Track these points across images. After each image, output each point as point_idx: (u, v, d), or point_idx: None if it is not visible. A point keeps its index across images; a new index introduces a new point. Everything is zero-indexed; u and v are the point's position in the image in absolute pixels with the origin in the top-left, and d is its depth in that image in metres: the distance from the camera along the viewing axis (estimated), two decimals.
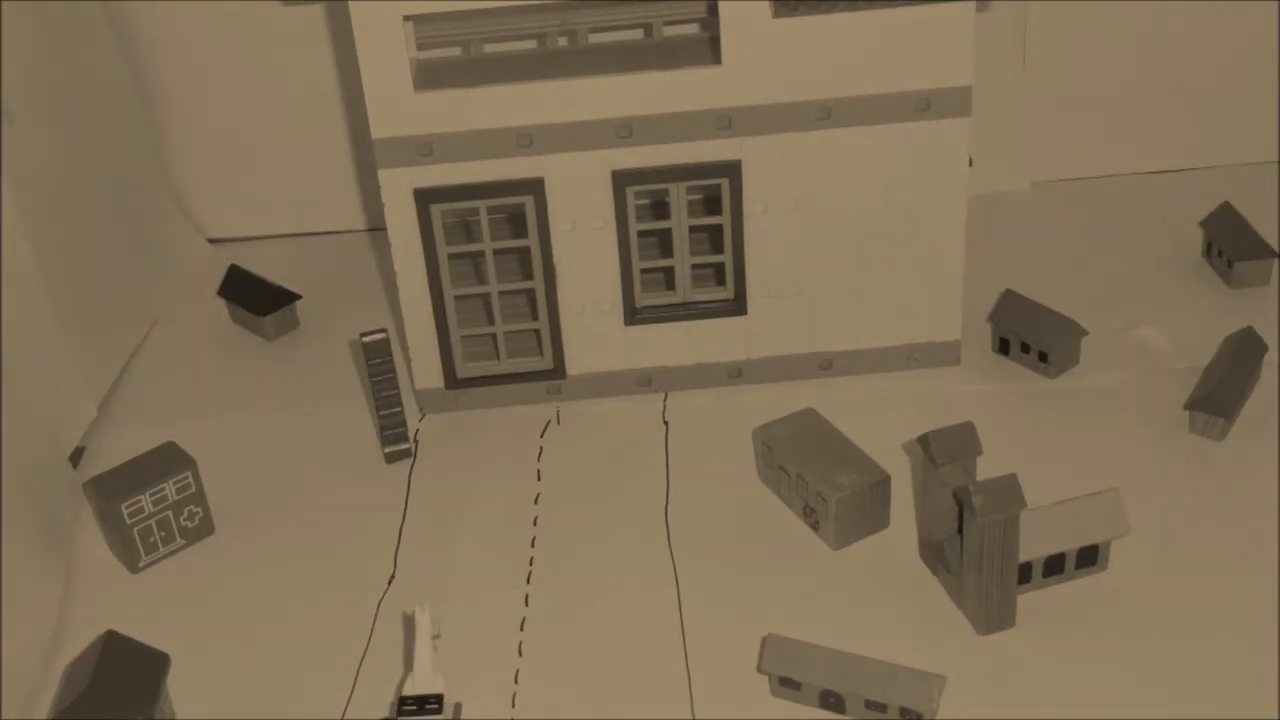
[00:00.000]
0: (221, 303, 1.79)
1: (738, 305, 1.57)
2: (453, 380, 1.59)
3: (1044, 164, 1.89)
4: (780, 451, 1.45)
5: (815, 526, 1.42)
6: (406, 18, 1.44)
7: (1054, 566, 1.33)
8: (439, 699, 1.19)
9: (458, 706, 1.23)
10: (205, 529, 1.48)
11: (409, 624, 1.33)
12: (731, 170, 1.50)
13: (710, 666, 1.30)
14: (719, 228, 1.54)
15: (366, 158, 1.83)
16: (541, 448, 1.56)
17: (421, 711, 1.18)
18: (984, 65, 1.52)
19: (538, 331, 1.58)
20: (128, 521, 1.42)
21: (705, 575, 1.39)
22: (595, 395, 1.61)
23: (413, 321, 1.57)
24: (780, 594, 1.36)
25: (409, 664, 1.27)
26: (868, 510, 1.41)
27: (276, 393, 1.66)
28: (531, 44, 1.62)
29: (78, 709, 1.22)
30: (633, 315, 1.57)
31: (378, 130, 1.47)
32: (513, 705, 1.29)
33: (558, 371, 1.59)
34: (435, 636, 1.24)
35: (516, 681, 1.31)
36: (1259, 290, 1.68)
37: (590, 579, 1.40)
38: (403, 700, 1.21)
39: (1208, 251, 1.73)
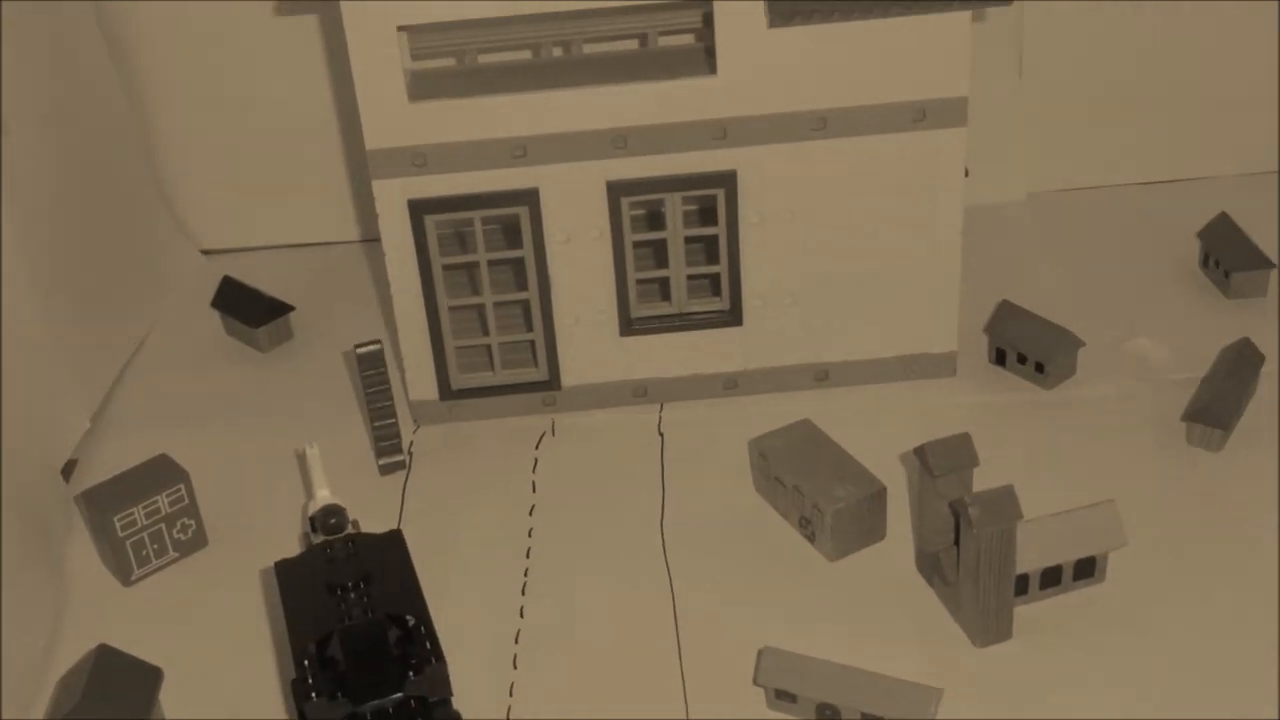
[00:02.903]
0: (215, 314, 1.78)
1: (733, 316, 1.57)
2: (447, 391, 1.59)
3: (1040, 174, 1.89)
4: (776, 463, 1.44)
5: (811, 538, 1.42)
6: (401, 28, 1.44)
7: (1051, 578, 1.33)
8: (339, 510, 1.35)
9: (356, 523, 1.37)
10: (198, 542, 1.47)
11: (303, 459, 1.47)
12: (727, 181, 1.49)
13: (706, 679, 1.30)
14: (714, 238, 1.53)
15: (361, 169, 1.82)
16: (536, 459, 1.55)
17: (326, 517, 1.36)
18: (980, 75, 1.52)
19: (532, 343, 1.58)
20: (120, 534, 1.42)
21: (701, 587, 1.39)
22: (590, 406, 1.60)
23: (407, 333, 1.56)
24: (776, 606, 1.36)
25: (309, 491, 1.43)
26: (864, 522, 1.40)
27: (270, 405, 1.65)
28: (526, 54, 1.62)
29: None
30: (628, 326, 1.57)
31: (372, 141, 1.47)
32: (507, 718, 1.28)
33: (553, 383, 1.59)
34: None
35: (511, 694, 1.30)
36: (1256, 301, 1.68)
37: (586, 591, 1.39)
38: (311, 520, 1.36)
39: (1205, 262, 1.73)
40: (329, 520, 1.34)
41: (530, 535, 1.46)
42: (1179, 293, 1.71)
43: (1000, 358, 1.61)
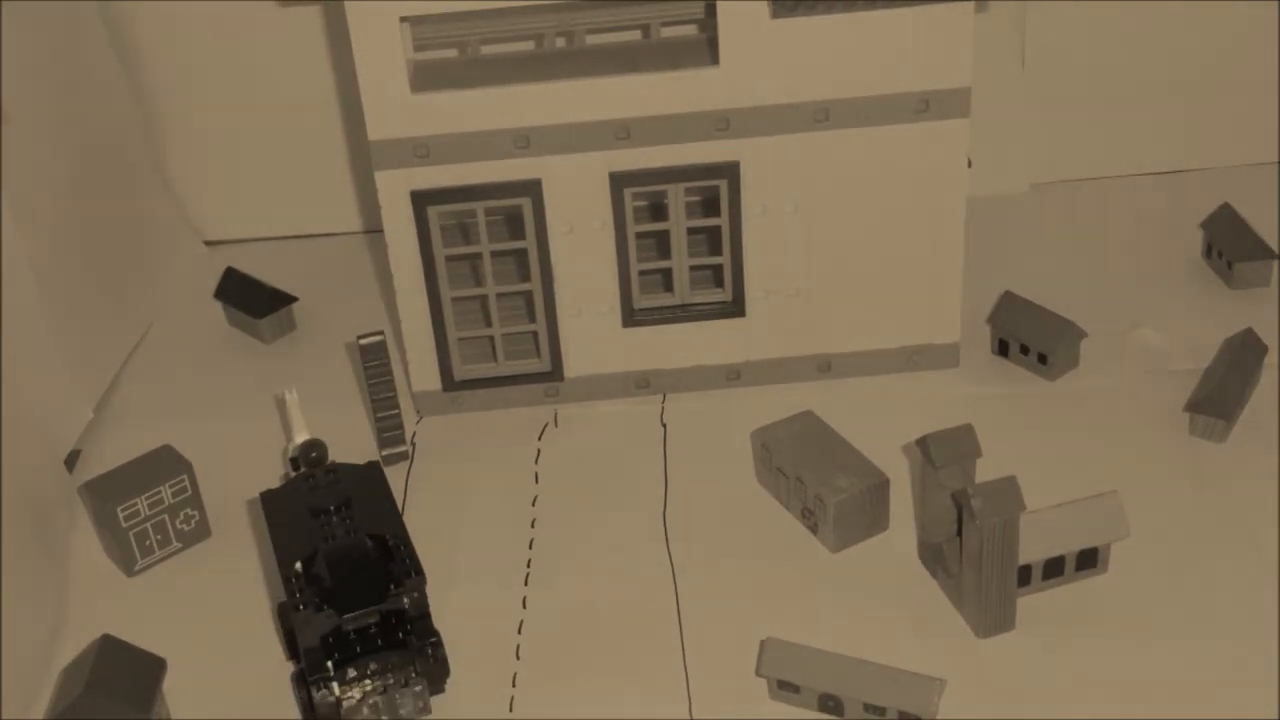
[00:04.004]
0: (218, 305, 1.78)
1: (736, 307, 1.57)
2: (450, 382, 1.59)
3: (1043, 165, 1.89)
4: (779, 454, 1.44)
5: (814, 529, 1.42)
6: (403, 19, 1.44)
7: (1053, 569, 1.33)
8: (319, 443, 1.39)
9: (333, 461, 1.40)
10: (201, 532, 1.47)
11: (282, 404, 1.52)
12: (730, 171, 1.49)
13: (709, 670, 1.30)
14: (717, 229, 1.53)
15: (363, 159, 1.83)
16: (539, 450, 1.55)
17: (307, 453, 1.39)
18: (983, 66, 1.51)
19: (535, 334, 1.58)
20: (124, 525, 1.42)
21: (703, 578, 1.39)
22: (593, 397, 1.60)
23: (410, 324, 1.56)
24: (779, 597, 1.36)
25: (289, 435, 1.46)
26: (867, 513, 1.40)
27: (273, 396, 1.65)
28: (529, 45, 1.62)
29: (73, 713, 1.22)
30: (631, 317, 1.57)
31: (375, 132, 1.47)
32: (510, 709, 1.28)
33: (555, 374, 1.59)
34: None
35: (514, 684, 1.30)
36: (1259, 292, 1.68)
37: (588, 582, 1.39)
38: (293, 460, 1.40)
39: (1208, 253, 1.73)
40: (310, 454, 1.38)
41: (533, 526, 1.46)
42: (1182, 283, 1.71)
43: (1003, 349, 1.61)
